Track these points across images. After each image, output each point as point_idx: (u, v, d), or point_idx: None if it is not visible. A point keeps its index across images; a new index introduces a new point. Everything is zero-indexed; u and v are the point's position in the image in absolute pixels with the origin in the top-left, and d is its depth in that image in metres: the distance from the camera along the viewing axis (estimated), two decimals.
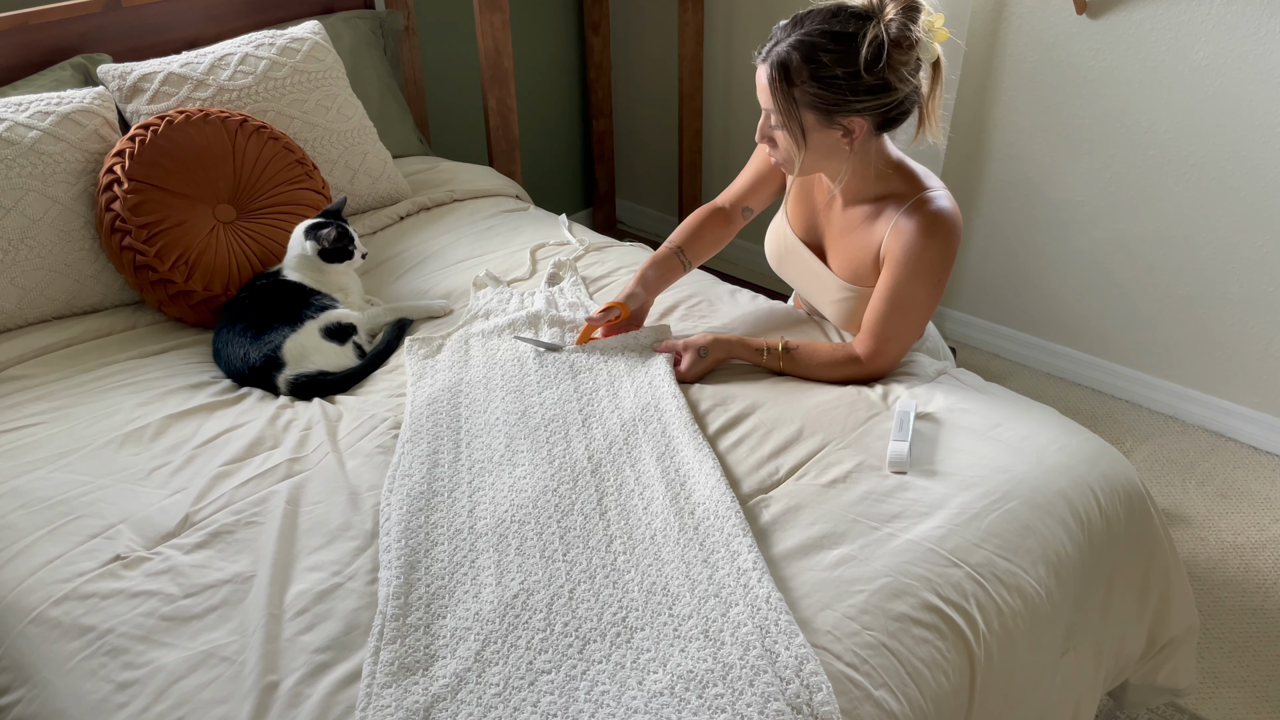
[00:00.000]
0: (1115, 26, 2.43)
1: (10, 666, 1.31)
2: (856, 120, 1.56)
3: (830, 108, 1.54)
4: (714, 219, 1.93)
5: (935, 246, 1.62)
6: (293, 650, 1.25)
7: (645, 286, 1.85)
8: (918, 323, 1.69)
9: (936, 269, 1.64)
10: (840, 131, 1.57)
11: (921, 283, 1.64)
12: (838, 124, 1.56)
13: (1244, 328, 2.50)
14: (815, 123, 1.56)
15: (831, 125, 1.56)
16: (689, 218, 1.94)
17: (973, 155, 2.79)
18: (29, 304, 1.93)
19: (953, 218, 1.64)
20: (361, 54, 2.59)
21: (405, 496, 1.47)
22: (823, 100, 1.53)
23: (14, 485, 1.54)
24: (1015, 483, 1.49)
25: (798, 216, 1.84)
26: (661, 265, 1.87)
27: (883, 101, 1.54)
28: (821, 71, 1.51)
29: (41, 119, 1.96)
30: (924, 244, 1.62)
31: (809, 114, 1.55)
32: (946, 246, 1.63)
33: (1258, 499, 2.40)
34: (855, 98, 1.52)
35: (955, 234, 1.64)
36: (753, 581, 1.29)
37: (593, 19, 3.32)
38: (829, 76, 1.51)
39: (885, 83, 1.52)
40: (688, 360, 1.72)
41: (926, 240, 1.61)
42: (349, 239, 1.93)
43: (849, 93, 1.52)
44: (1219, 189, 2.42)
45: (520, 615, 1.28)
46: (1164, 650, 1.67)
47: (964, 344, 3.03)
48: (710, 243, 1.93)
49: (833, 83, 1.51)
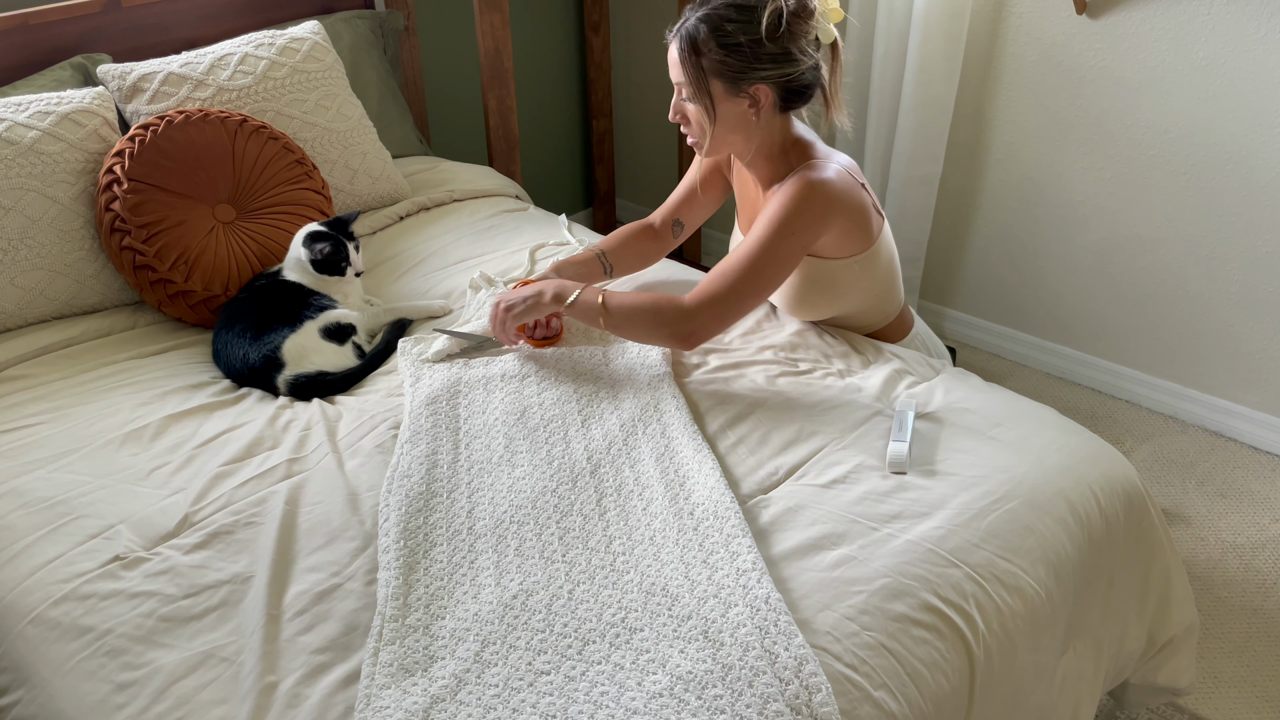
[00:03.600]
0: (1115, 26, 2.43)
1: (9, 667, 1.31)
2: (762, 89, 1.63)
3: (736, 75, 1.61)
4: (642, 234, 2.00)
5: (794, 205, 1.63)
6: (292, 651, 1.25)
7: (560, 275, 1.87)
8: (757, 282, 1.64)
9: (789, 225, 1.63)
10: (747, 101, 1.64)
11: (771, 238, 1.64)
12: (744, 93, 1.63)
13: (1244, 328, 2.50)
14: (723, 92, 1.63)
15: (739, 94, 1.63)
16: (617, 230, 2.01)
17: (973, 155, 2.79)
18: (29, 304, 1.93)
19: (824, 185, 1.64)
20: (361, 54, 2.59)
21: (404, 497, 1.47)
22: (728, 67, 1.61)
23: (14, 485, 1.54)
24: (1015, 483, 1.49)
25: (744, 217, 1.90)
26: (582, 265, 1.91)
27: (785, 71, 1.62)
28: (726, 40, 1.60)
29: (41, 119, 1.96)
30: (783, 201, 1.64)
31: (717, 82, 1.63)
32: (808, 207, 1.64)
33: (1258, 499, 2.40)
34: (759, 65, 1.60)
35: (823, 201, 1.64)
36: (752, 582, 1.29)
37: (593, 19, 3.32)
38: (734, 44, 1.59)
39: (786, 51, 1.60)
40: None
41: (787, 197, 1.64)
42: (343, 255, 1.91)
43: (753, 60, 1.60)
44: (1219, 189, 2.41)
45: (520, 616, 1.28)
46: (1164, 650, 1.67)
47: (964, 344, 3.03)
48: (637, 254, 1.99)
49: (737, 49, 1.60)
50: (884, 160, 2.81)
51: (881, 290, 1.82)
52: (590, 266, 1.93)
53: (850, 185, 1.69)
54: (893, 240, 1.83)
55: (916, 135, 2.68)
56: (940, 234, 2.94)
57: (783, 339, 1.83)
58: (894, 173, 2.76)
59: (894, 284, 1.84)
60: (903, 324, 1.91)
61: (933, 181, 2.76)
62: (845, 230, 1.69)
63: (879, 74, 2.69)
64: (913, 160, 2.72)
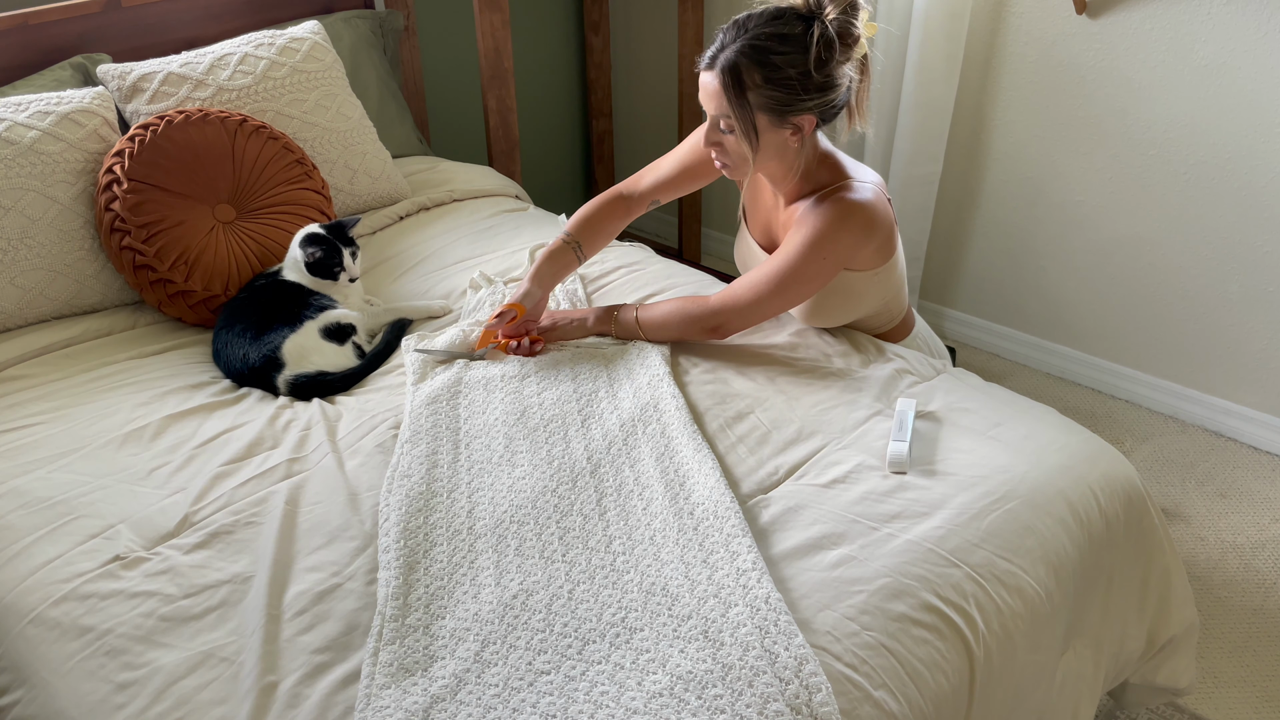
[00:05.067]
0: (1115, 26, 2.43)
1: (9, 667, 1.31)
2: (806, 118, 1.60)
3: (783, 108, 1.58)
4: (615, 208, 1.94)
5: (833, 229, 1.63)
6: (292, 651, 1.25)
7: (540, 284, 1.85)
8: (784, 294, 1.69)
9: (825, 249, 1.64)
10: (790, 130, 1.61)
11: (806, 256, 1.65)
12: (788, 123, 1.60)
13: (1244, 328, 2.50)
14: (768, 124, 1.60)
15: (782, 125, 1.60)
16: (589, 204, 1.94)
17: (973, 155, 2.79)
18: (29, 304, 1.93)
19: (864, 209, 1.64)
20: (361, 54, 2.59)
21: (404, 497, 1.47)
22: (776, 101, 1.57)
23: (14, 485, 1.54)
24: (1015, 483, 1.49)
25: (756, 223, 1.88)
26: (556, 259, 1.88)
27: (829, 99, 1.59)
28: (774, 74, 1.55)
29: (41, 119, 1.96)
30: (823, 223, 1.64)
31: (762, 116, 1.59)
32: (847, 233, 1.64)
33: (1258, 499, 2.40)
34: (806, 96, 1.57)
35: (862, 226, 1.65)
36: (752, 582, 1.29)
37: (593, 19, 3.32)
38: (781, 78, 1.55)
39: (831, 78, 1.57)
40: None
41: (827, 220, 1.64)
42: (336, 261, 1.90)
43: (801, 91, 1.56)
44: (1219, 189, 2.41)
45: (520, 616, 1.28)
46: (1164, 650, 1.67)
47: (964, 344, 3.03)
48: (607, 234, 1.95)
49: (786, 84, 1.55)
50: (884, 160, 2.81)
51: (893, 296, 1.82)
52: (564, 259, 1.88)
53: (885, 207, 1.69)
54: (901, 245, 1.83)
55: (916, 135, 2.68)
56: (940, 234, 2.94)
57: (783, 339, 1.83)
58: (894, 173, 2.76)
59: (903, 288, 1.85)
60: (905, 325, 1.91)
61: (933, 181, 2.76)
62: (877, 248, 1.70)
63: (879, 74, 2.69)
64: (913, 160, 2.72)
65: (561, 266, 1.89)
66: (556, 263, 1.88)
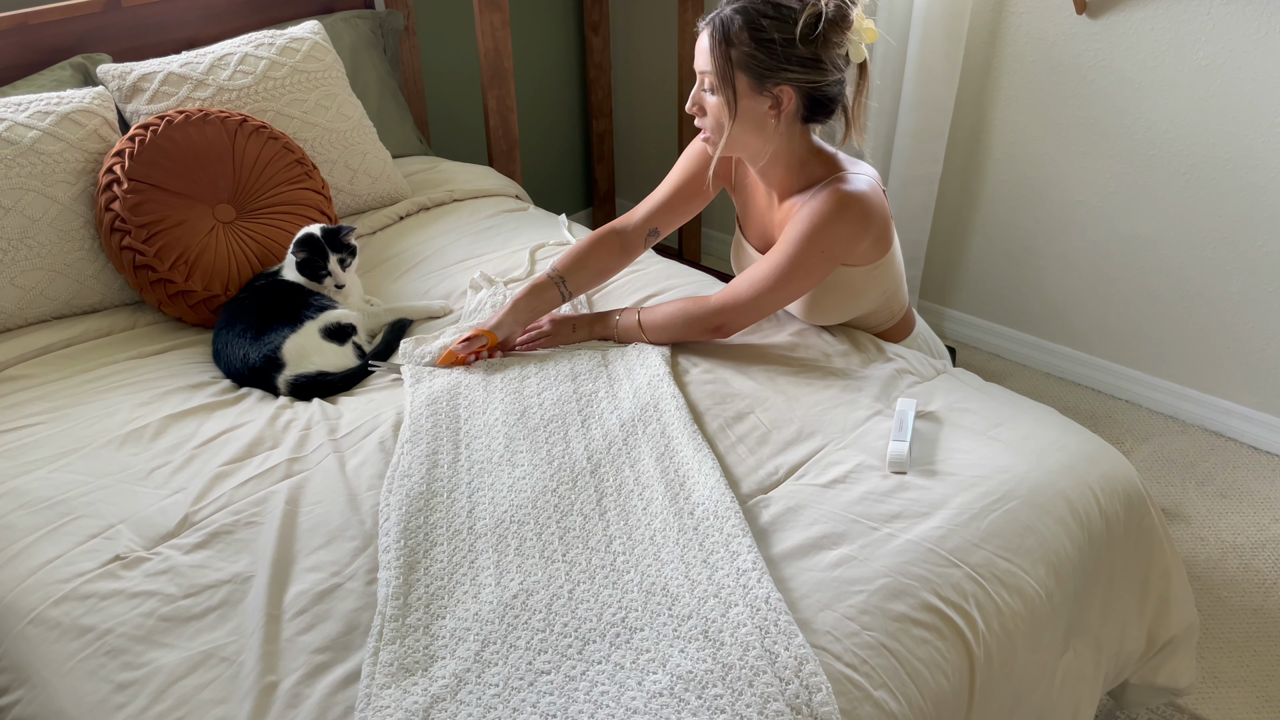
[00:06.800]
0: (1115, 26, 2.43)
1: (9, 667, 1.31)
2: (786, 91, 1.61)
3: (764, 71, 1.59)
4: (607, 244, 1.90)
5: (829, 219, 1.64)
6: (292, 651, 1.26)
7: (516, 317, 1.81)
8: (784, 288, 1.70)
9: (822, 239, 1.65)
10: (769, 101, 1.62)
11: (804, 248, 1.65)
12: (768, 92, 1.61)
13: (1244, 328, 2.50)
14: (748, 87, 1.61)
15: (762, 92, 1.61)
16: (581, 241, 1.92)
17: (973, 155, 2.79)
18: (29, 304, 1.93)
19: (861, 199, 1.65)
20: (361, 54, 2.59)
21: (404, 497, 1.47)
22: (757, 63, 1.58)
23: (14, 485, 1.54)
24: (1015, 483, 1.49)
25: (752, 230, 1.88)
26: (538, 294, 1.83)
27: (812, 78, 1.60)
28: (760, 34, 1.57)
29: (41, 119, 1.96)
30: (819, 214, 1.64)
31: (743, 76, 1.60)
32: (843, 224, 1.65)
33: (1258, 499, 2.40)
34: (788, 66, 1.58)
35: (859, 217, 1.65)
36: (752, 582, 1.29)
37: (593, 19, 3.32)
38: (766, 39, 1.57)
39: (817, 57, 1.58)
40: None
41: (823, 211, 1.64)
42: (321, 266, 1.89)
43: (783, 59, 1.58)
44: (1219, 189, 2.41)
45: (520, 615, 1.28)
46: (1164, 650, 1.67)
47: (964, 344, 3.03)
48: (597, 271, 1.91)
49: (769, 46, 1.57)
50: (884, 160, 2.81)
51: (892, 293, 1.82)
52: (548, 295, 1.84)
53: (881, 199, 1.69)
54: (899, 242, 1.83)
55: (916, 135, 2.68)
56: (940, 234, 2.94)
57: (783, 338, 1.83)
58: (894, 173, 2.76)
59: (902, 285, 1.85)
60: (906, 324, 1.91)
61: (933, 181, 2.77)
62: (874, 241, 1.70)
63: (879, 74, 2.69)
64: (913, 160, 2.72)
65: (543, 301, 1.84)
66: (537, 297, 1.83)
